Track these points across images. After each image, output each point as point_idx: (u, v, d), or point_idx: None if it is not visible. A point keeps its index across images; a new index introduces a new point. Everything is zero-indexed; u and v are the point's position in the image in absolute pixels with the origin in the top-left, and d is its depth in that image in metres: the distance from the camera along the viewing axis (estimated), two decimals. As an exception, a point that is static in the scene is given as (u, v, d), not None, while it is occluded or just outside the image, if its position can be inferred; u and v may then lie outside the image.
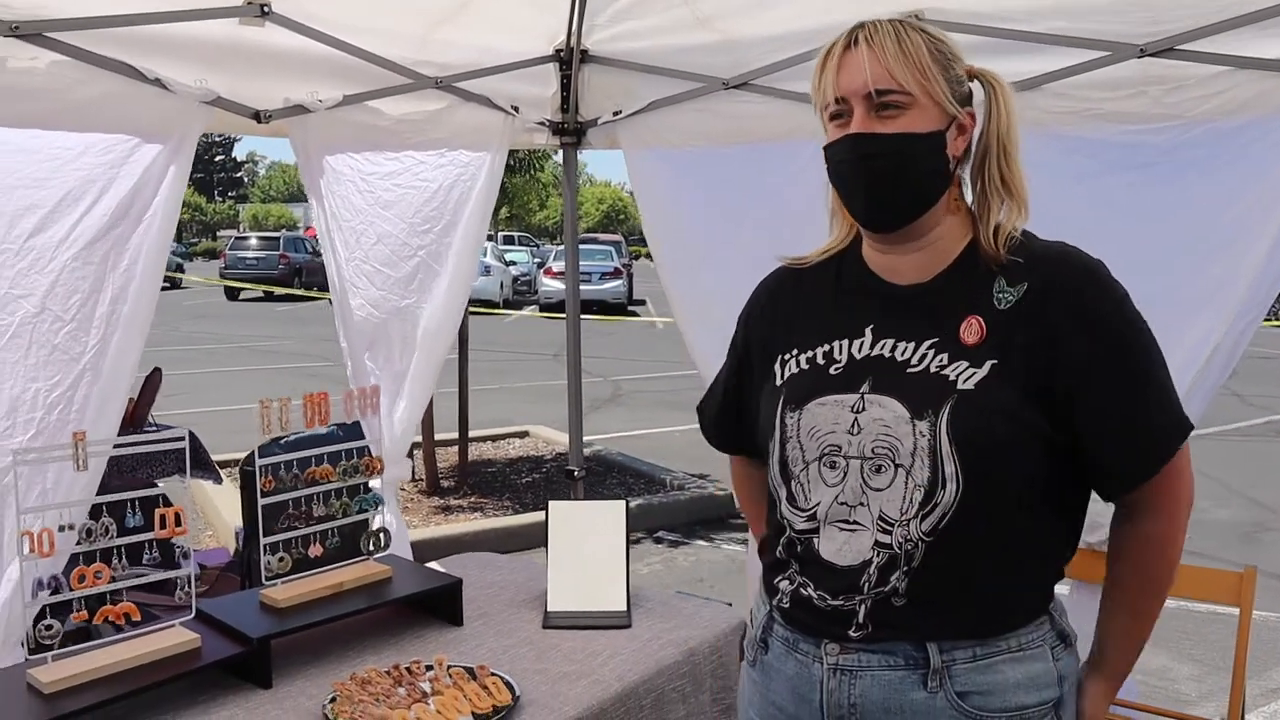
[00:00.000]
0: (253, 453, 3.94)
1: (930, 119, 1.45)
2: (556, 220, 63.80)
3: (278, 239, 28.95)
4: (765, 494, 1.76)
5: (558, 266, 22.99)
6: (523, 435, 8.96)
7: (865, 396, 1.48)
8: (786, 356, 1.60)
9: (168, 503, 2.07)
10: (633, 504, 6.49)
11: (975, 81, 1.52)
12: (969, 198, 1.55)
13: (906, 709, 1.45)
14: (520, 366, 13.61)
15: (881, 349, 1.51)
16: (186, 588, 2.09)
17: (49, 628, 1.91)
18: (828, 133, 1.52)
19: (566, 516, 2.58)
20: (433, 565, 2.79)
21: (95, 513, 1.98)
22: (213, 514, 6.27)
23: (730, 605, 2.69)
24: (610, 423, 9.93)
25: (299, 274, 27.18)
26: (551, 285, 22.50)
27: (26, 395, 2.29)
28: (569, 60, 3.38)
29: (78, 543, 1.94)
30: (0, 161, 2.22)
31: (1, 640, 2.25)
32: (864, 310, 1.55)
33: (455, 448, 7.52)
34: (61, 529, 1.93)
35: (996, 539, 1.43)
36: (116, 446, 2.19)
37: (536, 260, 27.23)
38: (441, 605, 2.42)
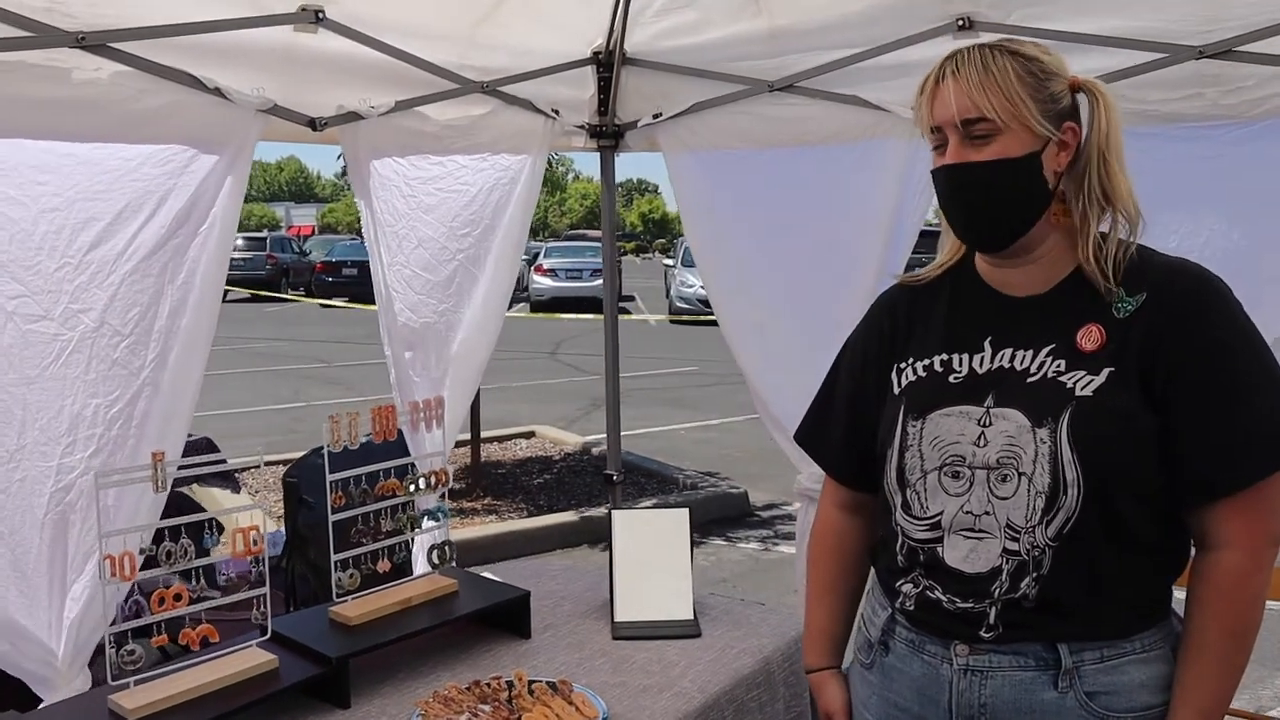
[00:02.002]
0: (296, 463, 3.91)
1: (1023, 142, 1.46)
2: (540, 216, 63.76)
3: (264, 239, 28.76)
4: (849, 547, 1.79)
5: (548, 264, 22.91)
6: (529, 435, 8.93)
7: (991, 410, 1.49)
8: (903, 365, 1.61)
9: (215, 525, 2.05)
10: (648, 504, 6.50)
11: (1080, 93, 1.52)
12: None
13: (1037, 708, 1.47)
14: (516, 366, 13.56)
15: (1001, 360, 1.52)
16: (262, 607, 2.06)
17: (131, 652, 1.88)
18: (933, 159, 1.55)
19: (629, 525, 2.56)
20: (486, 574, 2.76)
21: (173, 533, 1.95)
22: (227, 522, 6.20)
23: (763, 604, 2.70)
24: (613, 421, 9.88)
25: (286, 274, 27.01)
26: (542, 283, 22.37)
27: (86, 411, 2.25)
28: (608, 63, 3.35)
29: (154, 563, 1.91)
30: (64, 172, 2.18)
31: (71, 659, 2.20)
32: (981, 322, 1.57)
33: (464, 449, 7.47)
34: (142, 551, 1.90)
35: (1120, 542, 1.45)
36: (182, 468, 2.15)
37: (525, 258, 27.06)
38: (508, 618, 2.39)
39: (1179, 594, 1.53)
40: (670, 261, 23.78)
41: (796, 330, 3.22)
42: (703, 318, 15.78)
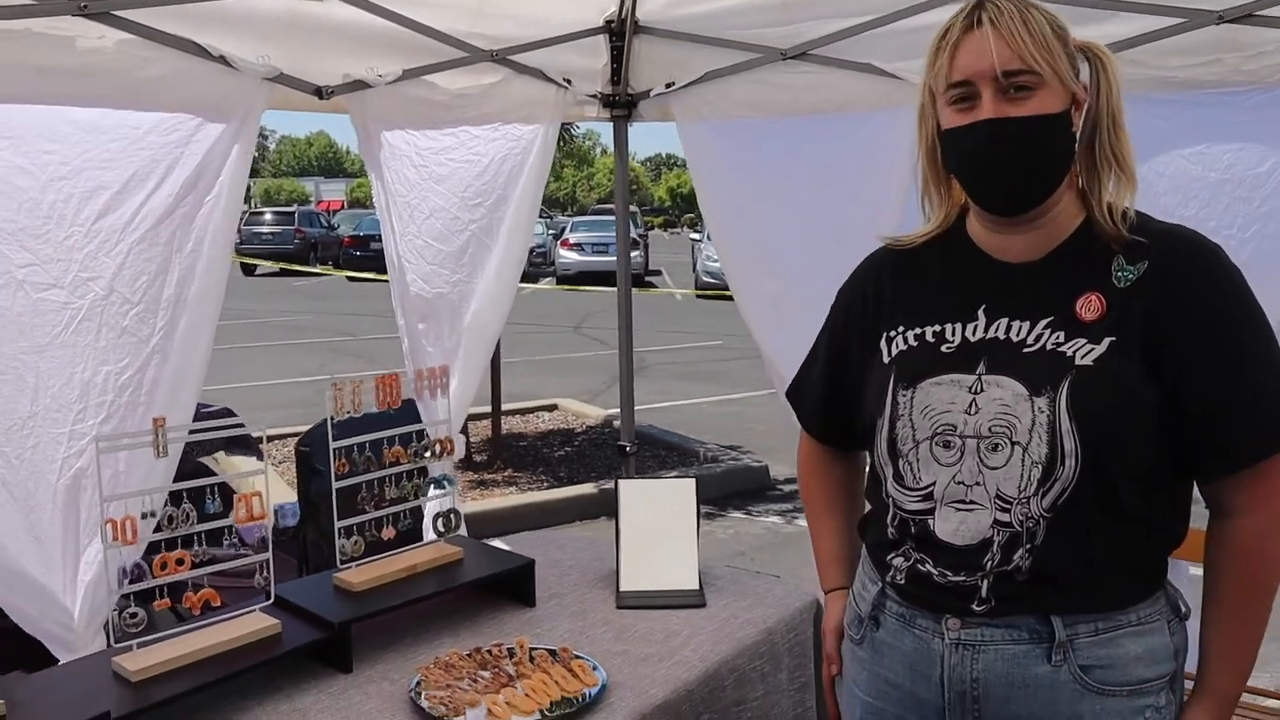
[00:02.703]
0: (308, 433, 3.94)
1: (1058, 98, 1.43)
2: (568, 191, 63.70)
3: (293, 213, 28.97)
4: (838, 472, 1.82)
5: (574, 238, 22.89)
6: (551, 408, 8.96)
7: (982, 377, 1.46)
8: (893, 334, 1.58)
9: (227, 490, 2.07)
10: (667, 477, 6.50)
11: (1083, 55, 1.49)
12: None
13: (1030, 683, 1.45)
14: (541, 339, 13.59)
15: (996, 331, 1.49)
16: (265, 573, 2.08)
17: (134, 615, 1.90)
18: (943, 116, 1.49)
19: (636, 495, 2.56)
20: (496, 543, 2.77)
21: (175, 498, 1.97)
22: (244, 487, 6.27)
23: (777, 577, 2.70)
24: (636, 395, 9.89)
25: (314, 249, 27.17)
26: (568, 257, 22.37)
27: (97, 379, 2.28)
28: (620, 32, 3.32)
29: (158, 528, 1.93)
30: (71, 141, 2.19)
31: (86, 623, 2.24)
32: (974, 290, 1.53)
33: (486, 422, 7.51)
34: (144, 516, 1.92)
35: (1117, 513, 1.43)
36: (192, 432, 2.16)
37: (552, 232, 27.04)
38: (514, 586, 2.40)
39: (1195, 570, 1.52)
40: (697, 236, 23.69)
41: (811, 301, 3.17)
42: (729, 292, 15.69)
